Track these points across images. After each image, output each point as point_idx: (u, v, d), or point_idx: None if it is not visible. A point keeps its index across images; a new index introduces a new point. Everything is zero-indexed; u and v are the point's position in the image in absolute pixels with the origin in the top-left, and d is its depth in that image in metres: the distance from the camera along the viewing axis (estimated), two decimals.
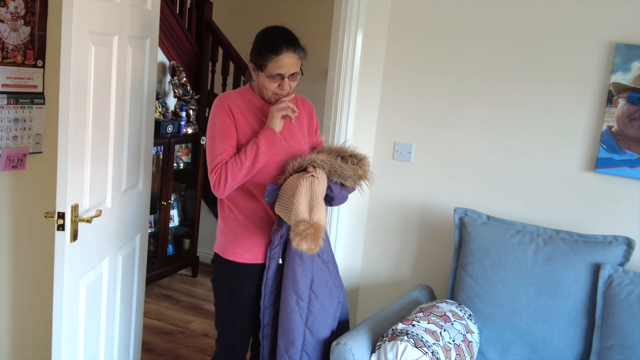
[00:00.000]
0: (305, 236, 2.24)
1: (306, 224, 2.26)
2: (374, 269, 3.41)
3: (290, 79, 2.44)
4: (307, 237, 2.24)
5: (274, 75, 2.41)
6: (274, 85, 2.43)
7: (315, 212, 2.29)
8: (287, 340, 2.50)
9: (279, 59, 2.38)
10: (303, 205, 2.29)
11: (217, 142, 2.44)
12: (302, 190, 2.31)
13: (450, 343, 2.48)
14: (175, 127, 4.77)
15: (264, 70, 2.42)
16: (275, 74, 2.40)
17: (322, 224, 2.29)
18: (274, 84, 2.43)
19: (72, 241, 2.26)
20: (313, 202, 2.31)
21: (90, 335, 2.56)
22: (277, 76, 2.41)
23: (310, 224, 2.26)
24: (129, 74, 2.66)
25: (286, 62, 2.39)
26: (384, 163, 3.31)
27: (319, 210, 2.31)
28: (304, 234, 2.24)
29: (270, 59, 2.39)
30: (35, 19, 2.76)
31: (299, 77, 2.47)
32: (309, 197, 2.31)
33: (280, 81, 2.42)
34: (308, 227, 2.25)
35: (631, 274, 2.58)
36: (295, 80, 2.47)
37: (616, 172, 2.80)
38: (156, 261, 4.76)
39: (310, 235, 2.24)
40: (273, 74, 2.40)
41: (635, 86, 2.73)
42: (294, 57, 2.41)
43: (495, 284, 2.76)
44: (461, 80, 3.10)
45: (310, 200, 2.31)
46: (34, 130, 2.84)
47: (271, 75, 2.41)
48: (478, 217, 2.91)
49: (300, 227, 2.25)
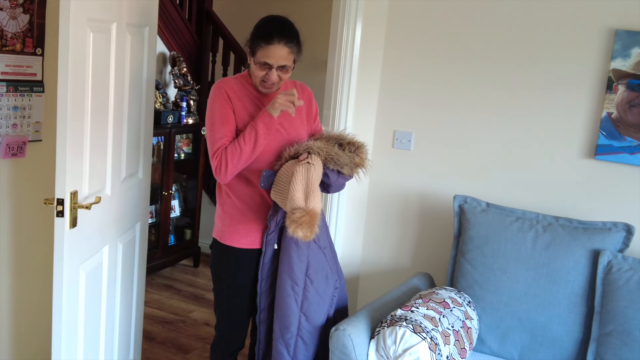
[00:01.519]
0: (301, 223, 2.24)
1: (302, 211, 2.26)
2: (374, 257, 3.41)
3: (279, 70, 2.42)
4: (303, 225, 2.24)
5: (262, 63, 2.40)
6: (262, 73, 2.42)
7: (311, 200, 2.30)
8: (282, 325, 2.51)
9: (268, 48, 2.37)
10: (299, 193, 2.29)
11: (217, 127, 2.44)
12: (297, 177, 2.31)
13: (449, 329, 2.48)
14: (175, 118, 4.78)
15: (254, 57, 2.42)
16: (263, 62, 2.39)
17: (317, 211, 2.30)
18: (261, 72, 2.42)
19: (72, 227, 2.27)
20: (309, 189, 2.31)
21: (91, 322, 2.57)
22: (264, 65, 2.40)
23: (306, 211, 2.26)
24: (128, 62, 2.66)
25: (276, 53, 2.37)
26: (384, 151, 3.31)
27: (315, 197, 2.31)
28: (300, 222, 2.24)
29: (260, 46, 2.38)
30: (34, 6, 2.76)
31: (290, 71, 2.46)
32: (304, 184, 2.31)
33: (268, 71, 2.41)
34: (304, 214, 2.25)
35: (630, 260, 2.58)
36: (286, 72, 2.45)
37: (616, 159, 2.80)
38: (157, 251, 4.77)
39: (306, 223, 2.24)
40: (261, 61, 2.40)
41: (635, 72, 2.73)
42: (284, 49, 2.38)
43: (494, 271, 2.76)
44: (460, 69, 3.09)
45: (306, 187, 2.31)
46: (33, 118, 2.84)
47: (259, 63, 2.40)
48: (477, 205, 2.91)
49: (296, 214, 2.26)
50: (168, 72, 5.06)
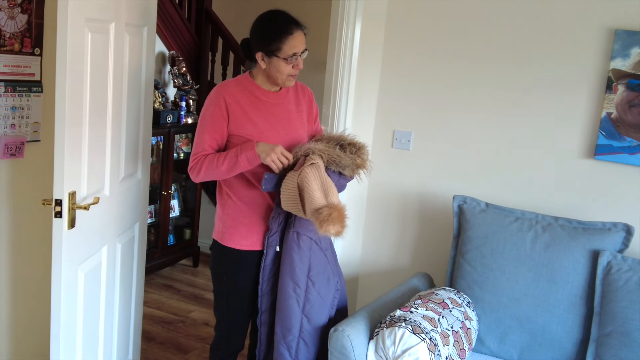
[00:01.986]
0: (332, 220, 2.20)
1: (327, 208, 2.23)
2: (374, 257, 3.41)
3: (301, 58, 2.46)
4: (335, 220, 2.20)
5: (291, 55, 2.42)
6: (289, 67, 2.44)
7: (331, 195, 2.29)
8: (284, 327, 2.51)
9: (293, 38, 2.41)
10: (317, 192, 2.27)
11: (205, 132, 2.48)
12: (310, 179, 2.29)
13: (448, 330, 2.48)
14: (175, 117, 4.77)
15: (280, 53, 2.42)
16: (292, 53, 2.42)
17: (341, 204, 2.28)
18: (289, 66, 2.44)
19: (70, 228, 2.26)
20: (325, 186, 2.30)
21: (89, 322, 2.57)
22: (293, 56, 2.42)
23: (331, 207, 2.24)
24: (126, 62, 2.66)
25: (299, 39, 2.43)
26: (383, 151, 3.31)
27: (334, 191, 2.31)
28: (330, 219, 2.20)
29: (285, 40, 2.41)
30: (32, 6, 2.75)
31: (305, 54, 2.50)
32: (319, 183, 2.30)
33: (295, 61, 2.44)
34: (332, 211, 2.22)
35: (630, 260, 2.58)
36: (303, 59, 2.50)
37: (615, 159, 2.79)
38: (157, 251, 4.77)
39: (337, 218, 2.21)
40: (290, 54, 2.42)
41: (634, 72, 2.72)
42: (302, 34, 2.45)
43: (494, 271, 2.76)
44: (459, 69, 3.08)
45: (322, 185, 2.30)
46: (31, 118, 2.84)
47: (288, 56, 2.42)
48: (477, 205, 2.91)
49: (323, 213, 2.22)
50: (167, 72, 5.06)
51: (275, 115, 2.53)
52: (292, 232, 2.47)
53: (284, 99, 2.57)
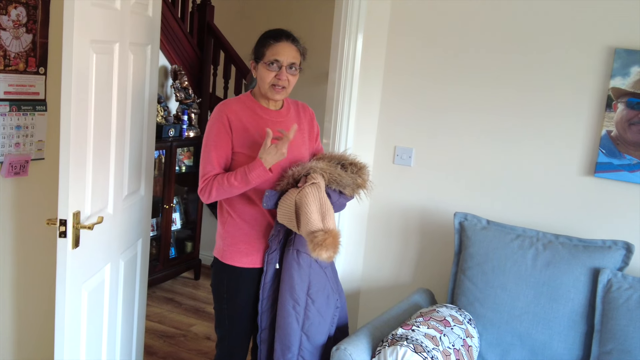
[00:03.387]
0: (326, 245, 2.23)
1: (323, 233, 2.25)
2: (375, 273, 3.42)
3: (288, 72, 2.46)
4: (328, 246, 2.23)
5: (272, 61, 2.43)
6: (271, 75, 2.45)
7: (328, 219, 2.30)
8: (283, 344, 2.52)
9: (277, 45, 2.44)
10: (315, 215, 2.29)
11: (211, 150, 2.49)
12: (310, 200, 2.31)
13: (450, 348, 2.49)
14: (177, 131, 4.79)
15: (263, 58, 2.45)
16: (273, 59, 2.43)
17: (337, 230, 2.30)
18: (271, 74, 2.45)
19: (74, 248, 2.28)
20: (323, 209, 2.32)
21: (93, 340, 2.58)
22: (274, 63, 2.44)
23: (326, 232, 2.26)
24: (130, 81, 2.68)
25: (285, 49, 2.45)
26: (385, 167, 3.33)
27: (331, 216, 2.32)
28: (325, 244, 2.23)
29: (269, 44, 2.45)
30: (37, 26, 2.78)
31: (298, 73, 2.50)
32: (318, 205, 2.31)
33: (278, 71, 2.45)
34: (327, 236, 2.24)
35: (630, 278, 2.59)
36: (294, 75, 2.49)
37: (615, 177, 2.81)
38: (158, 264, 4.78)
39: (330, 244, 2.23)
40: (271, 59, 2.44)
41: (634, 91, 2.74)
42: (292, 47, 2.47)
43: (495, 288, 2.77)
44: (461, 84, 3.11)
45: (321, 208, 2.31)
46: (36, 137, 2.86)
47: (269, 62, 2.44)
48: (478, 222, 2.92)
49: (318, 237, 2.24)
50: (169, 86, 5.08)
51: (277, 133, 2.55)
52: (292, 249, 2.49)
53: (285, 117, 2.59)
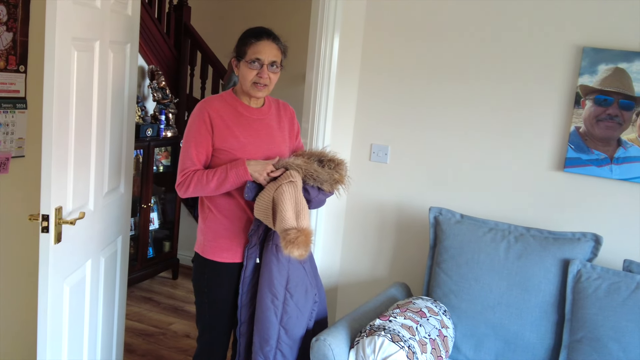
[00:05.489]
0: (298, 244, 2.28)
1: (296, 231, 2.30)
2: (352, 268, 3.48)
3: (270, 70, 2.51)
4: (299, 244, 2.28)
5: (253, 59, 2.48)
6: (253, 73, 2.50)
7: (302, 218, 2.35)
8: (261, 338, 2.56)
9: (258, 44, 2.49)
10: (289, 213, 2.34)
11: (191, 147, 2.52)
12: (286, 197, 2.35)
13: (426, 337, 2.56)
14: (154, 131, 4.81)
15: (245, 57, 2.50)
16: (255, 58, 2.48)
17: (310, 229, 2.35)
18: (253, 72, 2.50)
19: (56, 243, 2.30)
20: (298, 208, 2.36)
21: (74, 336, 2.60)
22: (256, 61, 2.48)
23: (300, 230, 2.31)
24: (110, 79, 2.71)
25: (266, 48, 2.49)
26: (361, 164, 3.39)
27: (305, 215, 2.37)
28: (297, 242, 2.27)
29: (250, 43, 2.49)
30: (18, 25, 2.80)
31: (279, 71, 2.55)
32: (293, 204, 2.36)
33: (259, 69, 2.49)
34: (299, 234, 2.29)
35: (599, 269, 2.68)
36: (275, 73, 2.54)
37: (584, 171, 2.91)
38: (136, 264, 4.79)
39: (302, 242, 2.28)
40: (252, 58, 2.48)
41: (601, 88, 2.84)
42: (273, 45, 2.51)
43: (469, 280, 2.85)
44: (435, 84, 3.18)
45: (296, 206, 2.36)
46: (16, 134, 2.87)
47: (250, 60, 2.48)
48: (452, 216, 3.00)
49: (291, 235, 2.29)
50: (147, 86, 5.09)
51: (258, 130, 2.59)
52: (271, 245, 2.53)
53: (266, 115, 2.64)
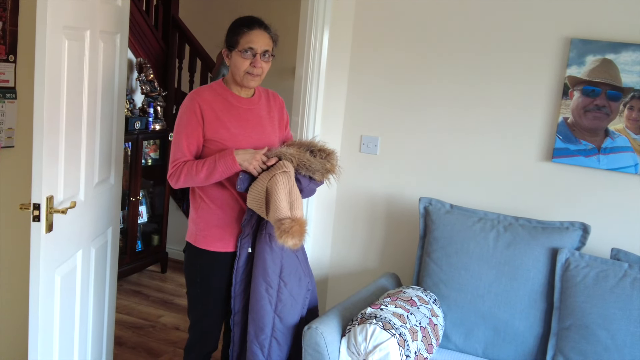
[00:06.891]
0: (292, 233, 2.29)
1: (290, 221, 2.31)
2: (343, 258, 3.50)
3: (262, 59, 2.51)
4: (294, 234, 2.29)
5: (246, 49, 2.49)
6: (247, 63, 2.50)
7: (296, 208, 2.37)
8: (257, 326, 2.57)
9: (251, 33, 2.49)
10: (284, 202, 2.35)
11: (182, 137, 2.52)
12: (280, 187, 2.36)
13: (416, 325, 2.58)
14: (143, 124, 4.80)
15: (237, 47, 2.50)
16: (247, 47, 2.48)
17: (304, 218, 2.36)
18: (246, 61, 2.50)
19: (48, 232, 2.30)
20: (292, 198, 2.38)
21: (65, 326, 2.60)
22: (249, 51, 2.49)
23: (294, 220, 2.32)
24: (101, 68, 2.70)
25: (259, 37, 2.50)
26: (351, 156, 3.41)
27: (299, 204, 2.39)
28: (291, 231, 2.29)
29: (242, 32, 2.50)
30: (7, 14, 2.78)
31: (270, 60, 2.56)
32: (287, 194, 2.37)
33: (252, 58, 2.50)
34: (293, 224, 2.31)
35: (587, 257, 2.71)
36: (267, 62, 2.55)
37: (572, 162, 2.94)
38: (125, 257, 4.77)
39: (297, 232, 2.30)
40: (245, 47, 2.49)
41: (589, 79, 2.87)
42: (265, 35, 2.52)
43: (458, 270, 2.87)
44: (423, 75, 3.20)
45: (289, 196, 2.37)
46: (6, 124, 2.86)
47: (243, 49, 2.49)
48: (442, 206, 3.02)
49: (285, 224, 2.30)
50: (135, 79, 5.07)
51: (248, 120, 2.60)
52: (264, 234, 2.54)
53: (256, 105, 2.65)
